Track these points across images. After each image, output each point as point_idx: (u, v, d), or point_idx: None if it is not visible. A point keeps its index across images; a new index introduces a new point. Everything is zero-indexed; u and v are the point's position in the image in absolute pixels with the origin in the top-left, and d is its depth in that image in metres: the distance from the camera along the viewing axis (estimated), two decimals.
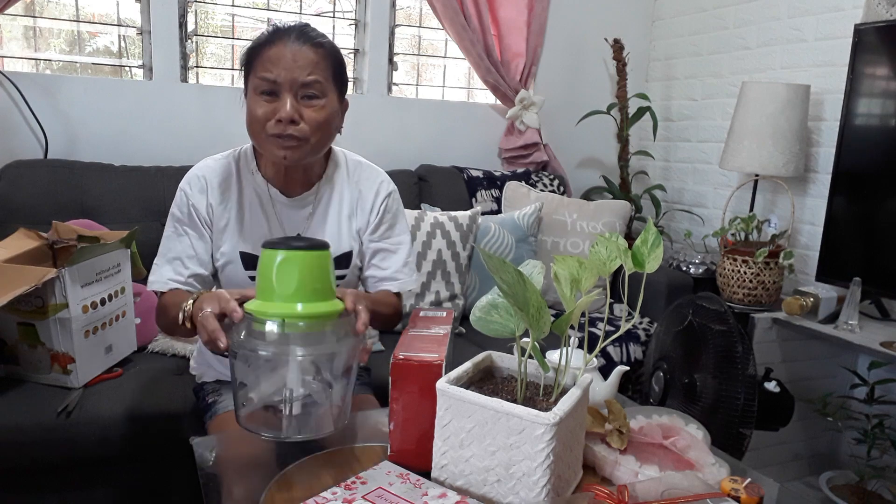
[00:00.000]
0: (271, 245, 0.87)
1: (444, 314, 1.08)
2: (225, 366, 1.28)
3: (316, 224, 1.22)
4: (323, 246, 0.89)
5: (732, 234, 2.24)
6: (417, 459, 0.87)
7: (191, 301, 0.97)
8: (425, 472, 0.85)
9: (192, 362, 1.40)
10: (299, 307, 0.83)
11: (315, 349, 0.86)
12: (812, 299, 1.98)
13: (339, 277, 1.22)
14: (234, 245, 1.19)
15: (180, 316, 0.97)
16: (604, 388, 1.08)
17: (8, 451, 1.39)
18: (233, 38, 2.50)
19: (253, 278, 1.14)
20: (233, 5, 2.38)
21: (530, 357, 0.85)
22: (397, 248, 1.27)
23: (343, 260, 1.24)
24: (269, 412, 0.89)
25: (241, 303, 0.88)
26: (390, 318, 1.24)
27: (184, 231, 1.18)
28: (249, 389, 0.88)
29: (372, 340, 0.90)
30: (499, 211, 2.48)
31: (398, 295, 1.28)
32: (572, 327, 0.84)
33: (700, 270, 2.46)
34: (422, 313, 1.09)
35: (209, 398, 1.29)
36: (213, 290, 1.15)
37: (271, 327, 0.83)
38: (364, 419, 1.09)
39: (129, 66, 2.33)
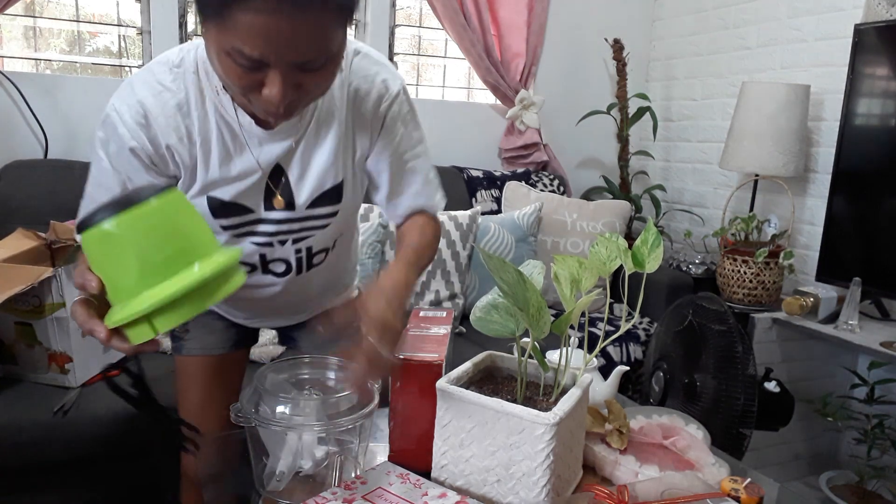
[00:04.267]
0: (80, 227, 0.63)
1: (444, 314, 1.08)
2: None
3: (301, 156, 0.94)
4: (137, 199, 0.62)
5: (732, 234, 2.24)
6: (417, 459, 0.86)
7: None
8: (425, 472, 0.85)
9: None
10: (160, 291, 0.61)
11: (329, 423, 0.81)
12: (812, 299, 1.98)
13: (330, 215, 0.99)
14: (197, 191, 0.92)
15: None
16: (604, 388, 1.07)
17: (6, 450, 1.39)
18: None
19: (225, 227, 0.94)
20: None
21: (530, 357, 0.85)
22: (413, 164, 1.00)
23: (332, 195, 0.98)
24: (303, 479, 0.85)
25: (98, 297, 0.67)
26: (434, 250, 1.02)
27: (114, 169, 0.89)
28: (271, 460, 0.84)
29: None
30: (499, 211, 2.48)
31: (428, 217, 1.03)
32: (572, 327, 0.84)
33: (700, 270, 2.46)
34: (422, 313, 1.09)
35: (179, 333, 1.16)
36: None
37: (283, 409, 0.80)
38: None
39: (129, 66, 2.33)
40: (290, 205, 0.95)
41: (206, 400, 1.16)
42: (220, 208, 0.93)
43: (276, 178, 0.94)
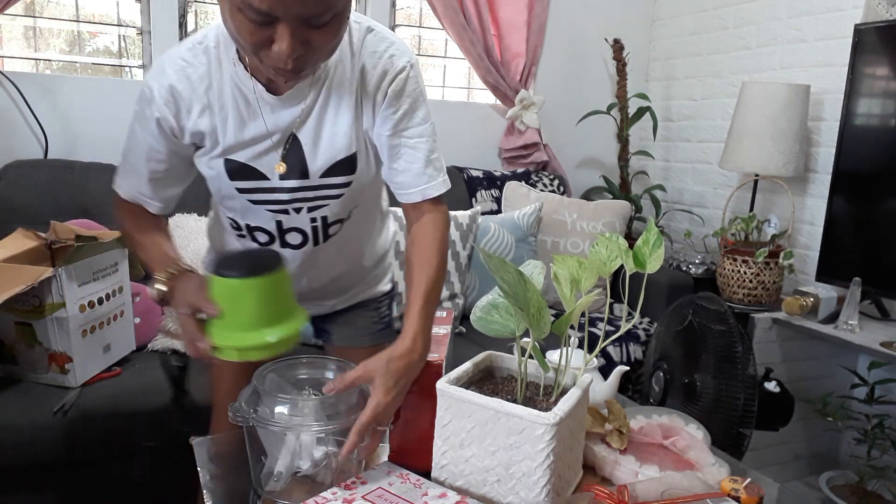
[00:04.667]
0: (222, 271, 0.82)
1: (445, 314, 1.08)
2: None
3: (310, 125, 0.97)
4: (273, 266, 0.83)
5: (732, 234, 2.24)
6: (417, 459, 0.86)
7: (162, 286, 0.92)
8: (425, 472, 0.85)
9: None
10: (268, 337, 0.83)
11: (328, 423, 0.83)
12: (812, 299, 1.98)
13: (344, 185, 1.02)
14: (216, 154, 0.99)
15: (153, 292, 0.92)
16: (604, 388, 1.07)
17: (6, 450, 1.39)
18: None
19: (240, 190, 1.00)
20: None
21: (530, 357, 0.85)
22: (415, 142, 0.99)
23: (346, 164, 1.00)
24: (301, 480, 0.86)
25: (196, 316, 0.86)
26: (446, 263, 1.02)
27: (147, 138, 0.98)
28: (270, 460, 0.86)
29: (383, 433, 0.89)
30: (499, 211, 2.48)
31: (435, 218, 1.01)
32: (572, 327, 0.84)
33: (700, 270, 2.46)
34: None
35: None
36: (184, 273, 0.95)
37: (282, 409, 0.83)
38: None
39: (129, 66, 2.33)
40: (303, 173, 0.98)
41: (234, 393, 1.19)
42: (235, 170, 0.99)
43: (291, 145, 0.98)
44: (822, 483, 1.92)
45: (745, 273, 2.15)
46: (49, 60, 2.25)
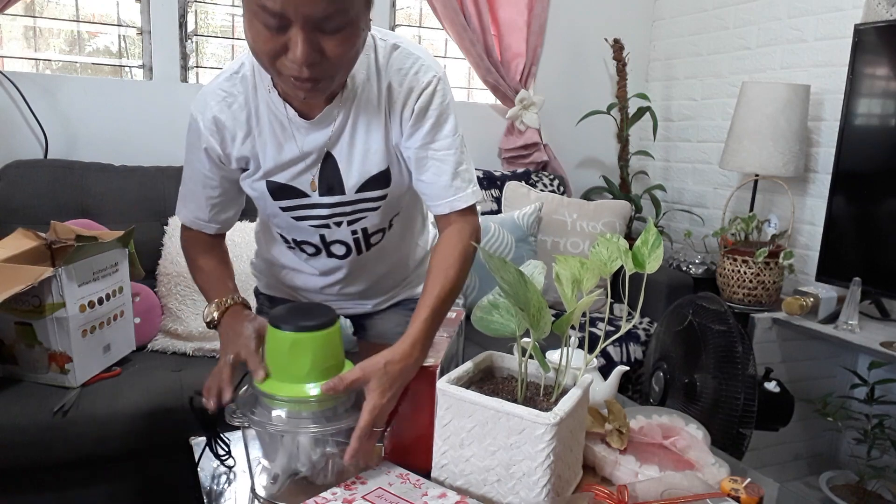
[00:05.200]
0: (278, 324, 0.84)
1: (454, 315, 1.08)
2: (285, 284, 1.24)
3: (343, 144, 1.00)
4: (330, 322, 0.85)
5: (732, 234, 2.24)
6: (416, 460, 0.86)
7: (215, 313, 1.00)
8: (424, 473, 0.85)
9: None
10: (311, 390, 0.83)
11: (326, 425, 0.84)
12: (812, 299, 1.98)
13: (380, 198, 1.05)
14: (259, 177, 1.04)
15: (206, 316, 1.01)
16: (604, 388, 1.07)
17: (6, 450, 1.39)
18: (233, 38, 2.50)
19: (283, 209, 1.05)
20: (233, 5, 2.38)
21: (531, 357, 0.85)
22: (443, 156, 1.00)
23: (380, 179, 1.03)
24: (299, 482, 0.86)
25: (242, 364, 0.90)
26: (465, 276, 1.00)
27: (199, 167, 1.05)
28: (269, 462, 0.87)
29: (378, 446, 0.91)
30: (499, 211, 2.48)
31: (460, 229, 1.01)
32: (573, 327, 0.84)
33: (700, 270, 2.46)
34: None
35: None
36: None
37: (279, 412, 0.83)
38: None
39: (129, 67, 2.33)
40: (340, 189, 1.02)
41: None
42: (277, 191, 1.03)
43: (327, 164, 1.02)
44: (822, 483, 1.92)
45: (745, 273, 2.15)
46: (49, 60, 2.25)
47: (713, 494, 0.75)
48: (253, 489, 0.88)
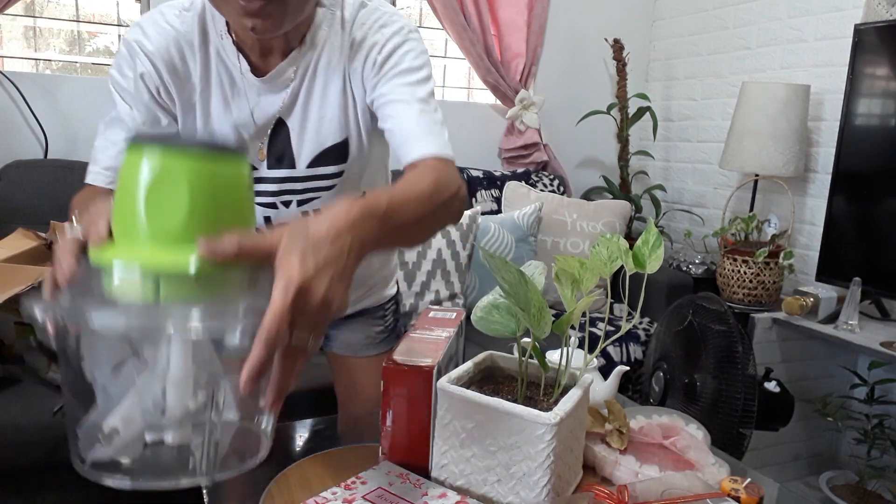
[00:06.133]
0: (142, 141, 0.50)
1: (454, 315, 1.08)
2: None
3: (301, 111, 0.90)
4: (234, 152, 0.53)
5: (732, 234, 2.24)
6: (411, 463, 0.86)
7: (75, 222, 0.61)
8: (423, 473, 0.85)
9: None
10: (192, 262, 0.47)
11: (221, 321, 0.47)
12: (812, 299, 1.98)
13: (335, 175, 0.94)
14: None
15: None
16: (604, 388, 1.07)
17: (6, 450, 1.39)
18: None
19: None
20: None
21: (531, 357, 0.85)
22: (412, 100, 0.86)
23: (336, 153, 0.92)
24: (155, 451, 0.50)
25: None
26: (437, 209, 0.75)
27: (125, 106, 0.90)
28: (101, 410, 0.51)
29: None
30: (499, 211, 2.48)
31: (437, 161, 0.83)
32: (573, 327, 0.84)
33: (700, 270, 2.46)
34: (431, 314, 1.08)
35: None
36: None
37: (133, 282, 0.47)
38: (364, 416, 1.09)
39: None
40: (290, 162, 0.92)
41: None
42: None
43: (279, 133, 0.91)
44: (822, 483, 1.92)
45: (745, 273, 2.15)
46: (49, 60, 2.25)
47: (713, 494, 0.75)
48: (71, 457, 0.56)
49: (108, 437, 0.48)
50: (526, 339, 0.84)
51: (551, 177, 2.68)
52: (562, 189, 2.68)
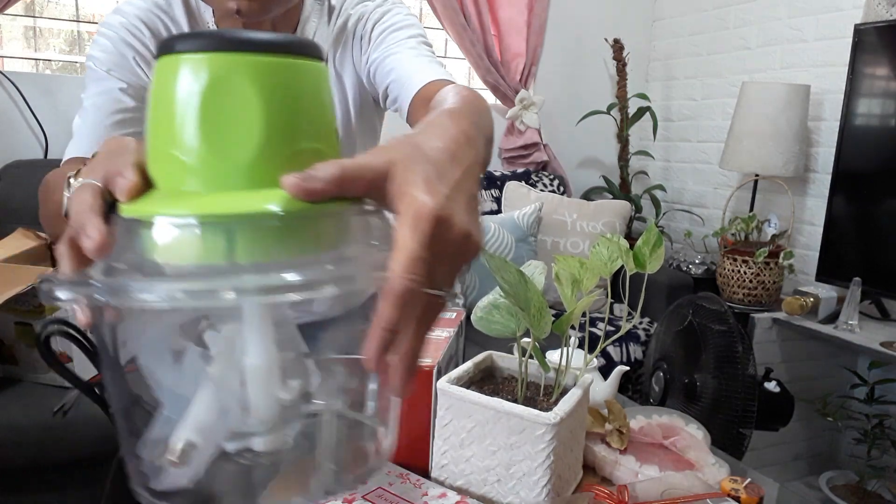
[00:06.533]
0: (179, 42, 0.35)
1: (454, 315, 1.08)
2: None
3: None
4: (309, 49, 0.37)
5: (732, 234, 2.24)
6: (411, 463, 0.86)
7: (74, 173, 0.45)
8: (423, 473, 0.85)
9: None
10: (278, 202, 0.33)
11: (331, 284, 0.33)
12: (812, 299, 1.98)
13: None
14: None
15: (63, 201, 0.47)
16: (604, 388, 1.07)
17: (6, 450, 1.39)
18: None
19: None
20: None
21: (531, 357, 0.85)
22: (402, 49, 0.85)
23: None
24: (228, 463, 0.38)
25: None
26: (487, 113, 0.60)
27: (111, 84, 0.84)
28: (170, 417, 0.37)
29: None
30: (499, 211, 2.48)
31: (446, 85, 0.75)
32: (573, 327, 0.84)
33: (700, 270, 2.46)
34: None
35: None
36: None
37: (193, 240, 0.33)
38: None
39: None
40: None
41: None
42: None
43: None
44: (822, 483, 1.92)
45: (745, 273, 2.15)
46: (49, 60, 2.25)
47: (713, 494, 0.75)
48: (131, 482, 0.40)
49: (185, 455, 0.35)
50: (526, 339, 0.84)
51: (551, 177, 2.68)
52: (562, 189, 2.68)
